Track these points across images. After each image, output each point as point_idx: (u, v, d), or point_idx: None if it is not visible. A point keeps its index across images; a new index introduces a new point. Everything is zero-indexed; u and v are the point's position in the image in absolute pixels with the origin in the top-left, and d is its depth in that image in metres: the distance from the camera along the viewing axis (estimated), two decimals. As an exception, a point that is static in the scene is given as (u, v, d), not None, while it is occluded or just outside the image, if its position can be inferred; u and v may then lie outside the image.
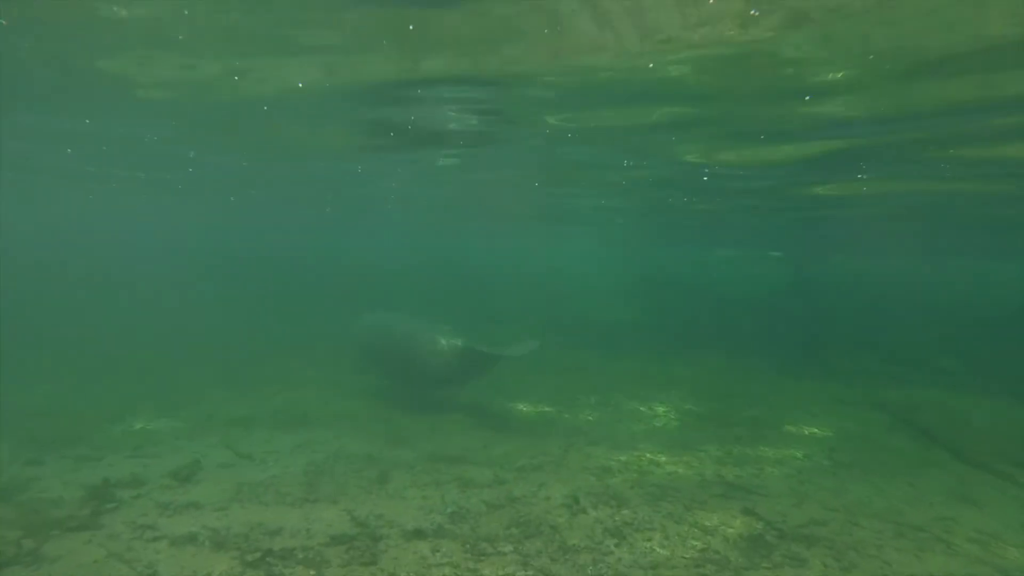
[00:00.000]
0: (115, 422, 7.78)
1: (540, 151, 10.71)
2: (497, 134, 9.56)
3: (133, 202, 21.90)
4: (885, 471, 6.93)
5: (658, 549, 4.80)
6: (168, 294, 22.39)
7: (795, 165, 10.78)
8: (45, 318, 15.84)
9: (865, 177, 11.54)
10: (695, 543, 4.92)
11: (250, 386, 10.17)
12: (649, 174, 12.41)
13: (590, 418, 8.83)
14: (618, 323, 19.52)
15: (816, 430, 8.53)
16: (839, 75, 6.26)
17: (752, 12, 4.88)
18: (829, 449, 7.67)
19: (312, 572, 4.24)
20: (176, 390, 9.58)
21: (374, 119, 8.90)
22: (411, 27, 5.44)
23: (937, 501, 6.07)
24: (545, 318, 19.04)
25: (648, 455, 7.13)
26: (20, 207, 24.41)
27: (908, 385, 11.74)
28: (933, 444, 8.04)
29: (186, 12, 5.33)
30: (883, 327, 18.55)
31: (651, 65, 6.10)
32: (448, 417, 8.66)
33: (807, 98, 7.02)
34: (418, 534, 4.87)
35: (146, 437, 7.23)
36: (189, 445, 6.96)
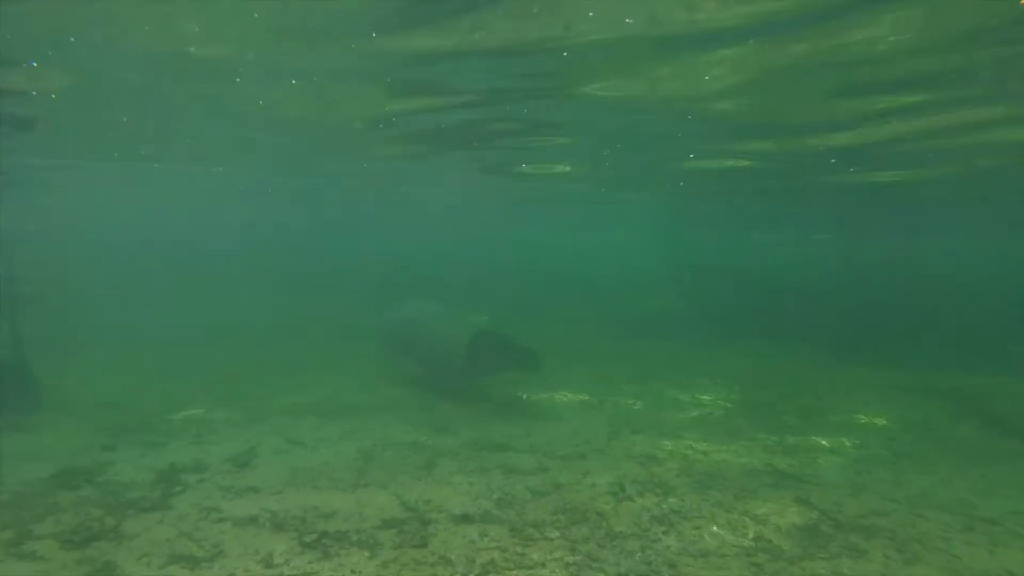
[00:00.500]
0: (176, 411, 8.25)
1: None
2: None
3: (189, 196, 22.49)
4: (951, 462, 6.55)
5: (708, 537, 4.71)
6: (218, 287, 23.50)
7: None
8: (107, 313, 16.94)
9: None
10: (746, 532, 4.80)
11: (297, 376, 10.57)
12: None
13: (633, 406, 8.73)
14: (659, 311, 19.15)
15: (873, 419, 8.14)
16: None
17: None
18: (887, 438, 7.30)
19: (366, 553, 4.39)
20: (229, 381, 10.07)
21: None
22: None
23: (1012, 494, 5.68)
24: (581, 308, 18.88)
25: (694, 443, 6.99)
26: (98, 202, 25.13)
27: (975, 371, 11.02)
28: (1005, 434, 7.53)
29: None
30: (945, 309, 17.42)
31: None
32: (489, 406, 8.75)
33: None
34: (466, 519, 4.95)
35: (205, 425, 7.64)
36: (244, 433, 7.31)
